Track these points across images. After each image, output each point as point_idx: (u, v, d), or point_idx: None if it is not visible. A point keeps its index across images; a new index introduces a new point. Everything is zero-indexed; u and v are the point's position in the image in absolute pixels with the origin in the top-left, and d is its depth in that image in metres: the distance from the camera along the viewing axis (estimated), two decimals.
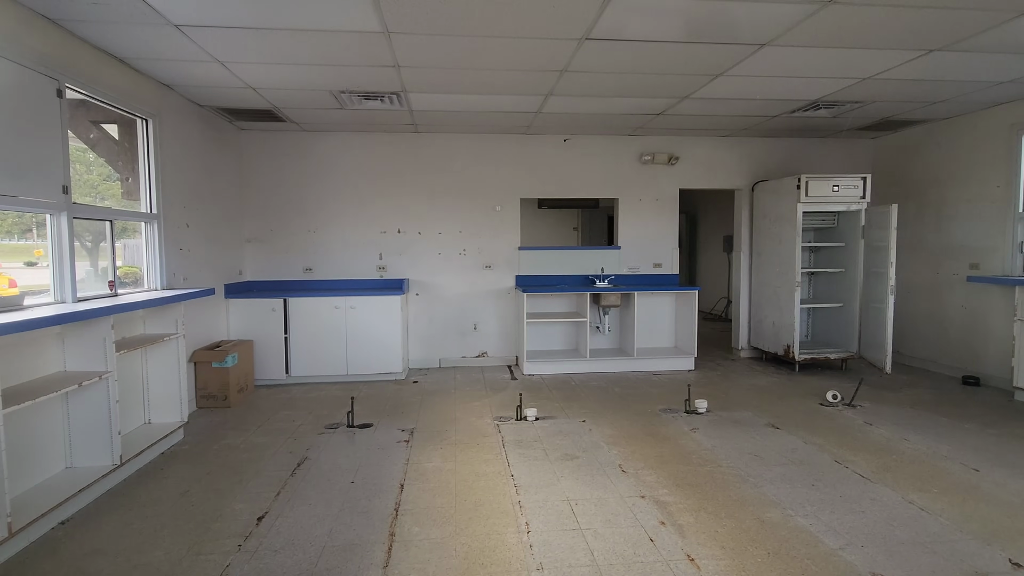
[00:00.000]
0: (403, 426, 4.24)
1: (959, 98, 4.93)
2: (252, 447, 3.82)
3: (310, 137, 6.10)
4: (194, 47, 3.60)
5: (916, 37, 3.51)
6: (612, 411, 4.57)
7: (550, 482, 3.21)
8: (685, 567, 2.36)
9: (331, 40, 3.51)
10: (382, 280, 6.26)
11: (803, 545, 2.52)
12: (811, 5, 3.05)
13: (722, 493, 3.06)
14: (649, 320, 6.37)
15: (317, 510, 2.89)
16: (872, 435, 3.96)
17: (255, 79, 4.28)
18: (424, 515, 2.83)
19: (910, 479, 3.22)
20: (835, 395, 4.75)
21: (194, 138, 4.91)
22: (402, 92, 4.62)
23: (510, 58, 3.84)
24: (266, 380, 5.49)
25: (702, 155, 6.56)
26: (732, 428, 4.12)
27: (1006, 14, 3.16)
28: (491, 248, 6.40)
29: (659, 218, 6.59)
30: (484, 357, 6.43)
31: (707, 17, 3.20)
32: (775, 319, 6.12)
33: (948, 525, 2.69)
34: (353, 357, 5.59)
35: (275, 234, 6.11)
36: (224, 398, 4.74)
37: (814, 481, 3.20)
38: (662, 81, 4.38)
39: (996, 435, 3.94)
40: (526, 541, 2.57)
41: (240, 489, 3.15)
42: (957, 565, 2.36)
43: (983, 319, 5.39)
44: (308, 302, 5.53)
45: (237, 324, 5.45)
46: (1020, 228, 5.10)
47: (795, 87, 4.56)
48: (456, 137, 6.27)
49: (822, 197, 5.69)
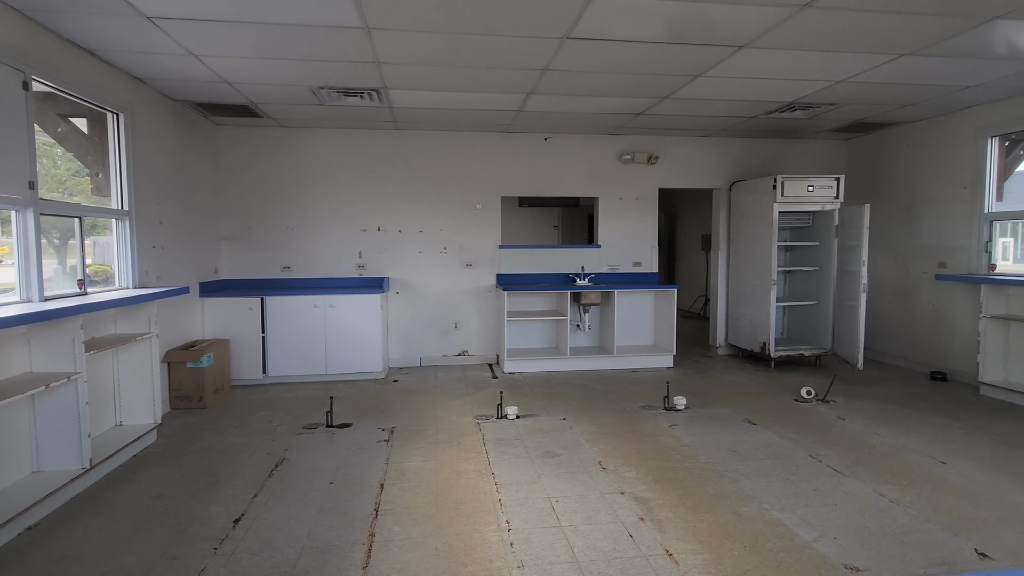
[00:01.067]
0: (383, 425, 4.21)
1: (928, 101, 5.07)
2: (228, 448, 3.75)
3: (288, 133, 6.01)
4: (167, 40, 3.52)
5: (888, 41, 3.60)
6: (593, 409, 4.60)
7: (531, 480, 3.22)
8: (664, 562, 2.39)
9: (309, 35, 3.46)
10: (362, 278, 6.20)
11: (778, 538, 2.57)
12: (787, 8, 3.10)
13: (700, 488, 3.10)
14: (629, 318, 6.42)
15: (295, 511, 2.85)
16: (845, 430, 4.06)
17: (231, 73, 4.20)
18: (405, 514, 2.81)
19: (881, 472, 3.30)
20: (809, 391, 4.85)
21: (168, 133, 4.80)
22: (382, 89, 4.58)
23: (492, 56, 3.83)
24: (243, 380, 5.40)
25: (681, 155, 6.63)
26: (710, 424, 4.18)
27: (972, 20, 3.25)
28: (472, 246, 6.38)
29: (639, 217, 6.64)
30: (465, 356, 6.42)
31: (687, 18, 3.23)
32: (752, 317, 6.23)
33: (917, 516, 2.77)
34: (332, 356, 5.53)
35: (252, 232, 6.01)
36: (199, 399, 4.65)
37: (789, 475, 3.26)
38: (642, 81, 4.42)
39: (962, 428, 4.07)
40: (507, 539, 2.57)
41: (216, 491, 3.09)
42: (925, 555, 2.44)
43: (950, 316, 5.56)
44: (286, 301, 5.45)
45: (213, 323, 5.34)
46: (986, 228, 5.26)
47: (772, 88, 4.64)
48: (437, 135, 6.23)
49: (797, 197, 5.80)
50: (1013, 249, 5.33)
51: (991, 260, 5.25)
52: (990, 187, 5.23)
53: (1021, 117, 4.90)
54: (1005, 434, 3.95)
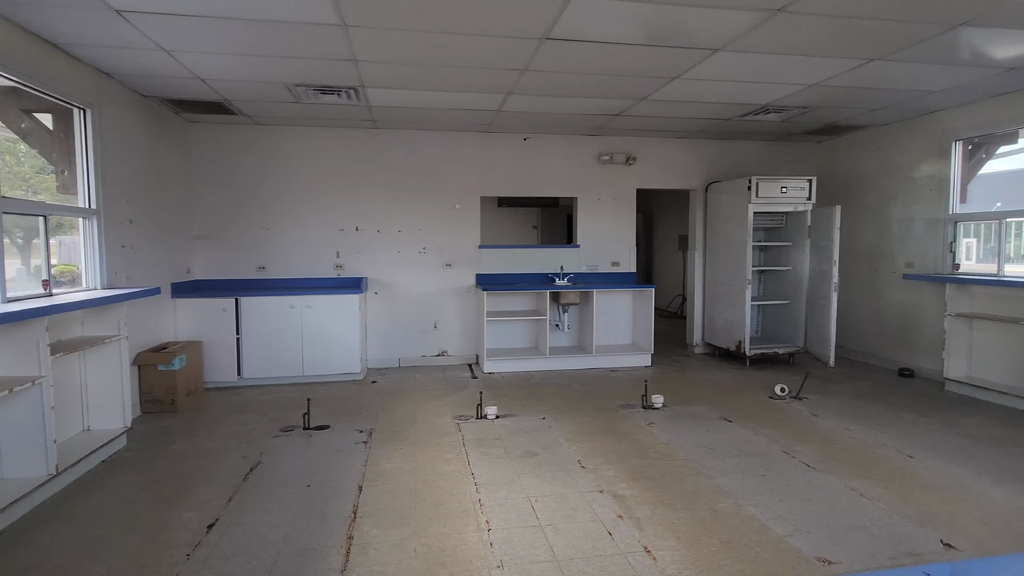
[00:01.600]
0: (362, 427, 4.17)
1: (896, 105, 5.21)
2: (202, 453, 3.68)
3: (264, 131, 5.90)
4: (137, 34, 3.43)
5: (857, 47, 3.69)
6: (572, 408, 4.63)
7: (511, 479, 3.22)
8: (642, 559, 2.41)
9: (285, 31, 3.41)
10: (340, 279, 6.13)
11: (753, 533, 2.62)
12: (761, 13, 3.16)
13: (678, 485, 3.14)
14: (608, 318, 6.47)
15: (272, 515, 2.81)
16: (817, 426, 4.15)
17: (204, 70, 4.11)
18: (383, 517, 2.79)
19: (852, 467, 3.39)
20: (783, 388, 4.95)
21: (137, 130, 4.68)
22: (360, 87, 4.53)
23: (471, 55, 3.82)
24: (217, 382, 5.29)
25: (659, 156, 6.71)
26: (687, 422, 4.24)
27: (937, 27, 3.36)
28: (451, 246, 6.36)
29: (617, 217, 6.70)
30: (444, 356, 6.39)
31: (664, 21, 3.27)
32: (727, 316, 6.33)
33: (886, 509, 2.85)
34: (309, 358, 5.46)
35: (226, 231, 5.89)
36: (171, 402, 4.54)
37: (764, 471, 3.32)
38: (620, 82, 4.45)
39: (929, 423, 4.20)
40: (487, 539, 2.57)
41: (189, 497, 3.03)
42: (894, 547, 2.51)
43: (917, 315, 5.73)
44: (262, 301, 5.36)
45: (185, 325, 5.22)
46: (950, 229, 5.44)
47: (746, 91, 4.72)
48: (416, 134, 6.19)
49: (771, 198, 5.91)
50: (976, 249, 5.52)
51: (955, 260, 5.43)
52: (954, 189, 5.41)
53: (984, 122, 5.08)
54: (969, 428, 4.09)
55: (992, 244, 5.20)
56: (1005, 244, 5.03)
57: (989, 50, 3.76)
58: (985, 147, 5.33)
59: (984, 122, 5.08)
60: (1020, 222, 5.11)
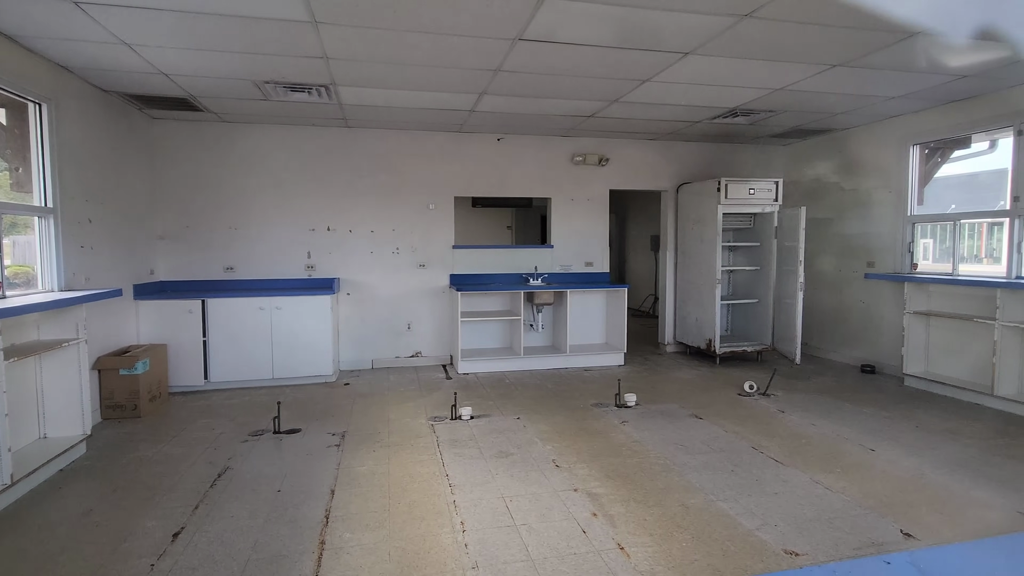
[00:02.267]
0: (334, 430, 4.11)
1: (858, 110, 5.39)
2: (166, 459, 3.57)
3: (231, 128, 5.77)
4: (96, 27, 3.30)
5: (821, 53, 3.80)
6: (546, 407, 4.65)
7: (485, 480, 3.21)
8: (615, 556, 2.44)
9: (253, 27, 3.33)
10: (311, 279, 6.02)
11: (723, 527, 2.68)
12: (729, 18, 3.22)
13: (650, 482, 3.18)
14: (581, 317, 6.52)
15: (240, 522, 2.74)
16: (784, 421, 4.26)
17: (168, 65, 3.99)
18: (356, 520, 2.75)
19: (817, 461, 3.49)
20: (752, 385, 5.07)
21: (97, 126, 4.52)
22: (331, 85, 4.47)
23: (444, 55, 3.80)
24: (182, 387, 5.14)
25: (631, 157, 6.79)
26: (659, 420, 4.30)
27: (896, 35, 3.48)
28: (425, 247, 6.32)
29: (590, 218, 6.76)
30: (418, 357, 6.35)
31: (635, 24, 3.31)
32: (698, 315, 6.44)
33: (849, 501, 2.94)
34: (279, 360, 5.35)
35: (192, 231, 5.73)
36: (133, 408, 4.40)
37: (733, 467, 3.39)
38: (593, 84, 4.49)
39: (889, 418, 4.35)
40: (461, 540, 2.56)
41: (152, 505, 2.93)
42: (857, 537, 2.59)
43: (878, 313, 5.93)
44: (229, 303, 5.23)
45: (148, 327, 5.06)
46: (908, 230, 5.65)
47: (716, 95, 4.81)
48: (389, 133, 6.13)
49: (740, 199, 6.05)
50: (932, 249, 5.74)
51: (913, 260, 5.64)
52: (912, 191, 5.62)
53: (938, 127, 5.29)
54: (927, 422, 4.25)
55: (947, 244, 5.42)
56: (959, 244, 5.25)
57: (943, 58, 3.92)
58: (940, 151, 5.56)
59: (939, 127, 5.29)
60: (973, 223, 5.34)
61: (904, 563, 0.84)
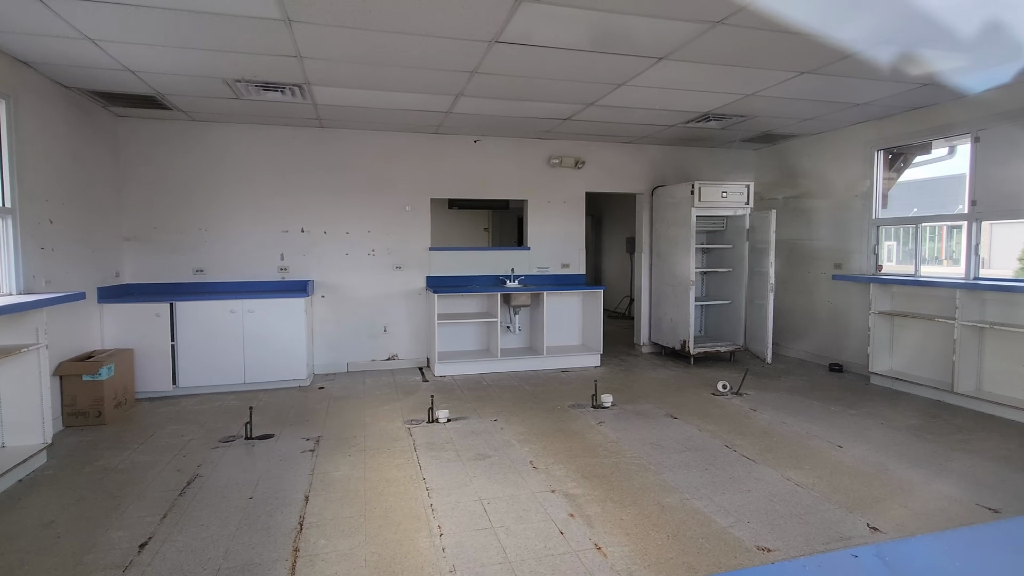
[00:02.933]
0: (308, 435, 4.04)
1: (825, 116, 5.54)
2: (132, 467, 3.46)
3: (201, 128, 5.63)
4: (58, 21, 3.20)
5: (789, 60, 3.90)
6: (523, 409, 4.65)
7: (463, 483, 3.20)
8: (593, 556, 2.45)
9: (224, 24, 3.26)
10: (284, 282, 5.92)
11: (698, 525, 2.72)
12: (702, 24, 3.29)
13: (626, 482, 3.21)
14: (558, 319, 6.55)
15: (211, 531, 2.67)
16: (756, 420, 4.35)
17: (134, 61, 3.88)
18: (331, 526, 2.71)
19: (788, 458, 3.57)
20: (725, 385, 5.16)
21: (59, 124, 4.37)
22: (305, 85, 4.40)
23: (420, 56, 3.78)
24: (150, 392, 5.00)
25: (607, 160, 6.86)
26: (635, 420, 4.35)
27: (861, 44, 3.59)
28: (401, 248, 6.27)
29: (567, 220, 6.80)
30: (394, 360, 6.29)
31: (610, 28, 3.35)
32: (673, 316, 6.54)
33: (818, 497, 3.02)
34: (252, 364, 5.24)
35: (160, 232, 5.58)
36: (98, 415, 4.25)
37: (707, 465, 3.45)
38: (569, 87, 4.52)
39: (856, 415, 4.48)
40: (438, 544, 2.54)
41: (118, 515, 2.84)
42: (826, 532, 2.66)
43: (845, 313, 6.11)
44: (199, 306, 5.10)
45: (114, 332, 4.90)
46: (874, 232, 5.83)
47: (689, 100, 4.90)
48: (364, 134, 6.07)
49: (713, 202, 6.16)
50: (896, 251, 5.94)
51: (878, 261, 5.82)
52: (877, 196, 5.80)
53: (902, 133, 5.48)
54: (892, 418, 4.39)
55: (910, 247, 5.61)
56: (921, 247, 5.44)
57: (905, 67, 4.05)
58: (903, 156, 5.75)
59: (901, 134, 5.47)
60: (933, 226, 5.54)
61: (870, 556, 0.87)
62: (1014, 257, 6.47)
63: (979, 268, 4.88)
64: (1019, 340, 4.42)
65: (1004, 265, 5.39)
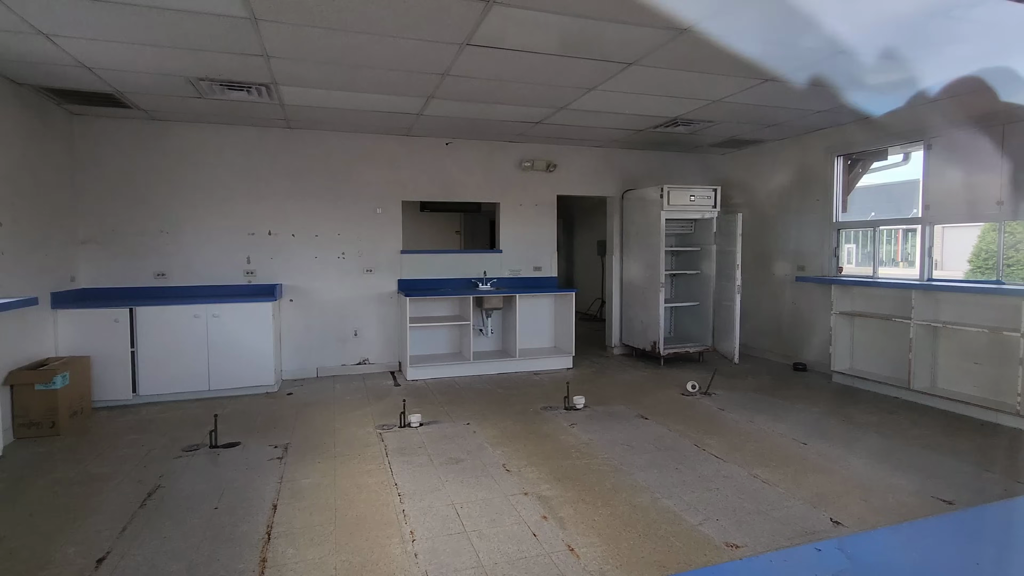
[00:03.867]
0: (276, 442, 3.95)
1: (788, 123, 5.71)
2: (89, 479, 3.32)
3: (162, 127, 5.46)
4: (9, 15, 3.05)
5: (753, 68, 4.01)
6: (496, 412, 4.65)
7: (435, 487, 3.18)
8: (566, 557, 2.46)
9: (187, 21, 3.17)
10: (251, 285, 5.78)
11: (668, 524, 2.76)
12: (669, 31, 3.35)
13: (598, 483, 3.24)
14: (530, 322, 6.56)
15: (173, 543, 2.59)
16: (724, 419, 4.44)
17: (91, 58, 3.74)
18: (300, 535, 2.65)
19: (754, 456, 3.65)
20: (694, 385, 5.25)
21: (9, 121, 4.17)
22: (272, 84, 4.32)
23: (390, 57, 3.75)
24: (108, 401, 4.81)
25: (578, 164, 6.92)
26: (607, 421, 4.39)
27: (820, 53, 3.72)
28: (372, 251, 6.20)
29: (539, 223, 6.83)
30: (365, 364, 6.21)
31: (580, 34, 3.38)
32: (643, 318, 6.63)
33: (784, 493, 3.10)
34: (217, 370, 5.10)
35: (118, 235, 5.38)
36: (51, 425, 4.07)
37: (677, 465, 3.50)
38: (540, 91, 4.55)
39: (819, 413, 4.62)
40: (411, 550, 2.52)
41: (73, 529, 2.72)
42: (791, 527, 2.73)
43: (808, 313, 6.29)
44: (161, 311, 4.94)
45: (69, 338, 4.71)
46: (834, 235, 6.03)
47: (657, 105, 4.98)
48: (334, 135, 5.99)
49: (682, 205, 6.28)
50: (855, 254, 6.15)
51: (839, 263, 6.02)
52: (837, 200, 6.00)
53: (859, 140, 5.68)
54: (852, 415, 4.54)
55: (869, 249, 5.82)
56: (879, 249, 5.65)
57: (861, 76, 4.21)
58: (861, 162, 5.97)
59: (859, 140, 5.68)
60: (890, 230, 5.76)
61: (833, 549, 0.90)
62: (965, 259, 6.78)
63: (932, 270, 5.10)
64: (970, 338, 4.63)
65: (956, 267, 5.64)
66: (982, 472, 3.42)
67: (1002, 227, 4.64)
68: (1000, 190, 4.50)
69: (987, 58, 3.73)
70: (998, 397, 4.37)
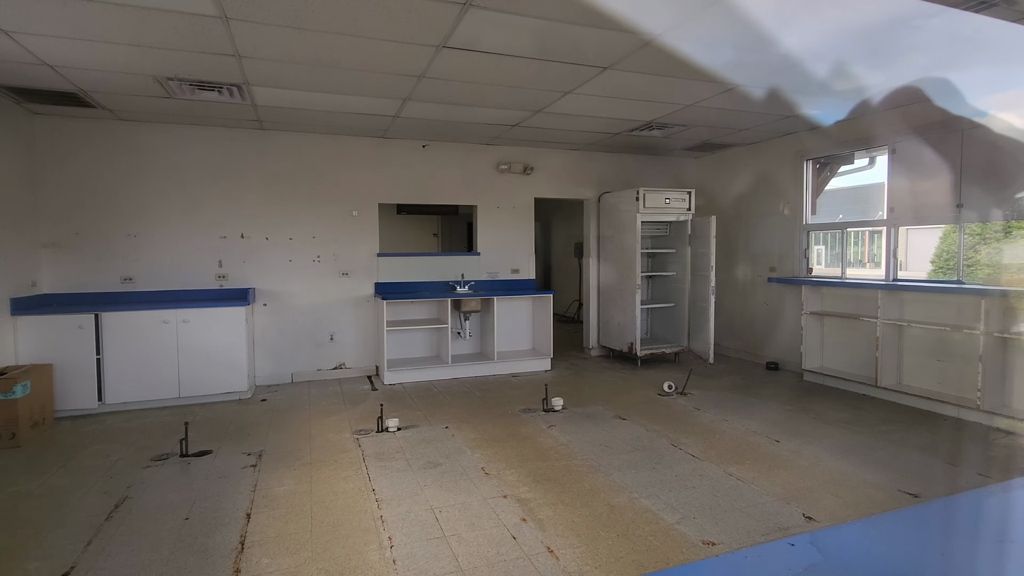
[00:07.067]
0: (249, 449, 3.87)
1: (758, 127, 5.84)
2: (52, 492, 3.20)
3: (129, 128, 5.31)
4: None
5: (725, 73, 4.09)
6: (474, 415, 4.63)
7: (413, 492, 3.15)
8: (545, 559, 2.46)
9: (155, 19, 3.10)
10: (223, 290, 5.66)
11: (646, 523, 2.78)
12: (643, 36, 3.39)
13: (577, 484, 3.25)
14: (508, 324, 6.56)
15: (141, 556, 2.51)
16: (700, 419, 4.50)
17: (54, 55, 3.62)
18: (275, 544, 2.60)
19: (729, 454, 3.71)
20: (670, 385, 5.32)
21: None
22: (244, 85, 4.24)
23: (366, 59, 3.72)
24: (72, 410, 4.64)
25: (555, 166, 6.96)
26: (585, 422, 4.41)
27: (789, 61, 3.81)
28: (348, 254, 6.12)
29: (516, 225, 6.84)
30: (342, 369, 6.13)
31: (556, 37, 3.40)
32: (620, 319, 6.69)
33: (758, 491, 3.15)
34: (187, 377, 4.97)
35: (82, 238, 5.21)
36: (11, 436, 3.92)
37: (654, 464, 3.54)
38: (517, 94, 4.56)
39: (791, 411, 4.72)
40: (389, 556, 2.49)
41: (36, 544, 2.62)
42: (765, 523, 2.78)
43: (780, 314, 6.43)
44: (128, 317, 4.80)
45: (29, 346, 4.53)
46: (804, 237, 6.17)
47: (633, 109, 5.04)
48: (308, 137, 5.91)
49: (657, 208, 6.36)
50: (824, 255, 6.32)
51: (809, 265, 6.17)
52: (807, 202, 6.15)
53: (827, 144, 5.84)
54: (823, 413, 4.65)
55: (837, 251, 5.98)
56: (847, 250, 5.81)
57: (828, 82, 4.33)
58: (829, 166, 6.13)
59: (827, 144, 5.84)
60: (857, 231, 5.93)
61: (805, 544, 0.92)
62: (928, 260, 7.02)
63: (897, 270, 5.26)
64: (933, 336, 4.79)
65: (919, 267, 5.84)
66: (946, 466, 3.54)
67: (962, 229, 4.81)
68: (959, 193, 4.67)
69: (942, 67, 3.88)
70: (960, 393, 4.53)
